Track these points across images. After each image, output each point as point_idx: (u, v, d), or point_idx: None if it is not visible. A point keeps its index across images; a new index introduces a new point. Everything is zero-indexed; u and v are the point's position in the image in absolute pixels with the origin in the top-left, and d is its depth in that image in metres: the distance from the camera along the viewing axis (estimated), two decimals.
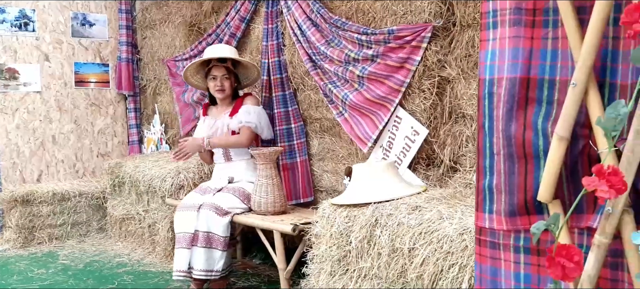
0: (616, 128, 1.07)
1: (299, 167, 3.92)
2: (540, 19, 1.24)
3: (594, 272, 1.10)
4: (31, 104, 5.25)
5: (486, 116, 1.34)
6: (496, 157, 1.32)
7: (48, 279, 3.98)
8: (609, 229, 1.09)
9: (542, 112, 1.25)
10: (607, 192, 1.02)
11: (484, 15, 1.34)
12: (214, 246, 3.44)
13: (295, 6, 3.76)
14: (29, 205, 4.85)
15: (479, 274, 1.41)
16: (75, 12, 5.42)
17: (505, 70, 1.28)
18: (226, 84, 3.78)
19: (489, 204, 1.35)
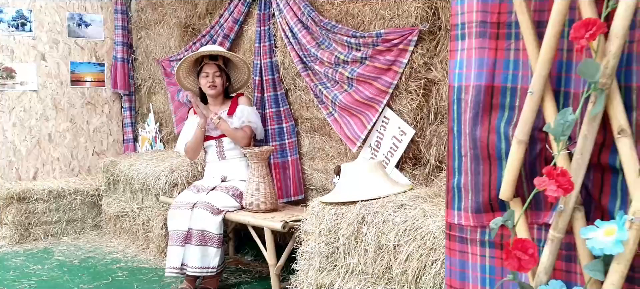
0: (564, 134, 1.17)
1: (290, 166, 4.01)
2: (504, 32, 1.34)
3: (549, 263, 1.20)
4: (28, 102, 5.32)
5: (455, 120, 1.43)
6: (464, 158, 1.42)
7: (44, 275, 4.05)
8: (562, 224, 1.18)
9: (505, 118, 1.34)
10: (556, 191, 1.12)
11: (453, 27, 1.44)
12: (209, 243, 3.52)
13: (287, 9, 3.85)
14: (25, 202, 4.92)
15: (449, 267, 1.51)
16: (71, 13, 5.49)
17: (471, 78, 1.38)
18: (218, 81, 3.84)
19: (457, 202, 1.45)
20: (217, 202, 3.59)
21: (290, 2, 3.82)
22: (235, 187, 3.76)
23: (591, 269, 1.13)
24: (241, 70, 3.97)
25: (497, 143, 1.34)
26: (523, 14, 1.23)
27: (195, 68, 3.94)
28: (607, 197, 1.23)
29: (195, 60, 3.92)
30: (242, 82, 4.05)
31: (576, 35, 1.09)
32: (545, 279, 1.21)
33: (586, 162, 1.14)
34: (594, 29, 1.07)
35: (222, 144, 3.90)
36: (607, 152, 1.20)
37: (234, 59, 3.91)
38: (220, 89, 3.87)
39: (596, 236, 1.11)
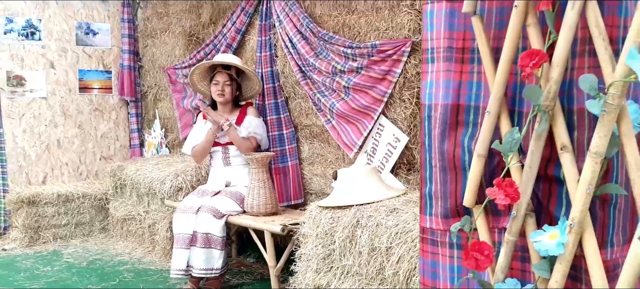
0: (512, 149, 1.31)
1: (291, 171, 4.16)
2: (468, 57, 1.48)
3: (505, 263, 1.34)
4: (37, 109, 5.49)
5: (426, 135, 1.58)
6: (434, 169, 1.56)
7: (53, 276, 4.21)
8: (515, 229, 1.32)
9: (469, 133, 1.48)
10: (504, 199, 1.26)
11: (424, 51, 1.58)
12: (213, 246, 3.67)
13: (287, 20, 4.00)
14: (35, 206, 5.07)
15: (422, 267, 1.65)
16: (79, 22, 5.65)
17: (440, 98, 1.52)
18: (227, 90, 3.99)
19: (429, 208, 1.59)
20: (220, 206, 3.74)
21: (290, 14, 3.97)
22: (238, 192, 3.91)
23: (538, 269, 1.27)
24: (253, 81, 4.12)
25: (461, 156, 1.48)
26: (482, 42, 1.37)
27: (209, 74, 4.10)
28: (554, 205, 1.37)
29: (209, 67, 4.07)
30: (253, 92, 4.20)
31: (523, 64, 1.23)
32: (502, 277, 1.35)
33: (535, 174, 1.28)
34: (537, 58, 1.21)
35: (228, 151, 4.05)
36: (552, 166, 1.34)
37: (246, 71, 4.05)
38: (228, 97, 4.01)
39: (542, 240, 1.25)
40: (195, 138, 4.11)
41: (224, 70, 4.01)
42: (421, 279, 1.65)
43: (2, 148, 5.24)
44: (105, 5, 5.78)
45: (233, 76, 4.03)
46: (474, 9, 1.39)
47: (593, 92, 1.16)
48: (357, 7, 3.62)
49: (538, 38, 1.28)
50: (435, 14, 1.53)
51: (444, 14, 1.50)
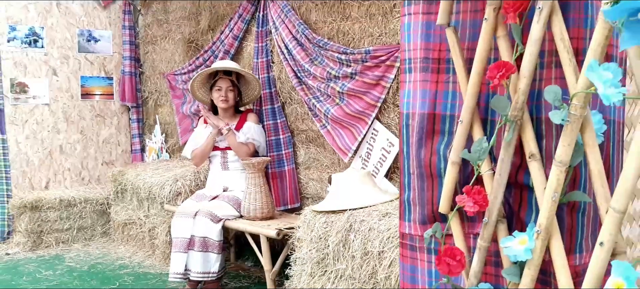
0: (480, 158, 1.35)
1: (287, 176, 4.21)
2: (444, 67, 1.52)
3: (478, 268, 1.38)
4: (40, 115, 5.56)
5: (404, 143, 1.62)
6: (412, 176, 1.60)
7: (55, 280, 4.27)
8: (487, 235, 1.36)
9: (444, 141, 1.53)
10: (472, 206, 1.30)
11: (402, 62, 1.63)
12: (210, 249, 3.72)
13: (283, 27, 4.05)
14: (38, 211, 5.14)
15: (402, 272, 1.69)
16: (81, 29, 5.73)
17: (417, 107, 1.56)
18: (230, 96, 4.07)
19: (407, 214, 1.64)
20: (217, 210, 3.80)
21: (286, 20, 4.02)
22: (235, 197, 3.96)
23: (508, 274, 1.32)
24: (252, 86, 4.18)
25: (437, 163, 1.53)
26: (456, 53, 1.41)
27: (208, 80, 4.16)
28: (525, 211, 1.41)
29: (210, 73, 4.14)
30: (252, 97, 4.26)
31: (491, 75, 1.27)
32: (475, 282, 1.39)
33: (505, 182, 1.32)
34: (504, 70, 1.25)
35: (227, 155, 4.11)
36: (523, 173, 1.39)
37: (247, 75, 4.12)
38: (232, 103, 4.09)
39: (512, 245, 1.29)
40: (195, 142, 4.18)
41: (225, 76, 4.07)
42: (401, 283, 1.70)
43: (6, 154, 5.31)
44: (107, 12, 5.84)
45: (234, 81, 4.09)
46: (447, 21, 1.44)
47: (557, 103, 1.20)
48: (352, 14, 3.67)
49: (507, 50, 1.32)
50: (412, 26, 1.58)
51: (420, 26, 1.54)
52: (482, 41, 1.33)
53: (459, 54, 1.41)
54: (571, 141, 1.17)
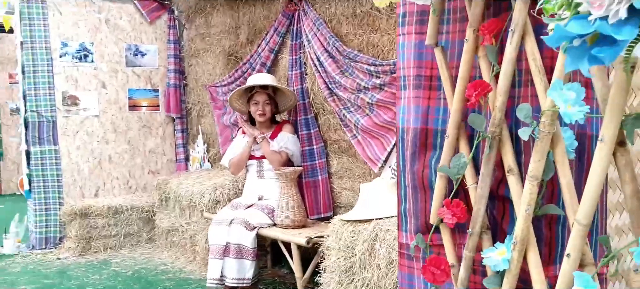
0: (459, 173, 1.40)
1: (321, 185, 4.30)
2: (435, 84, 1.58)
3: (464, 277, 1.43)
4: (90, 127, 5.83)
5: (400, 156, 1.69)
6: (407, 188, 1.66)
7: (100, 284, 4.48)
8: (471, 245, 1.41)
9: (436, 155, 1.58)
10: (451, 218, 1.36)
11: (398, 79, 1.70)
12: (245, 256, 3.85)
13: (315, 40, 4.15)
14: (87, 217, 5.39)
15: (400, 280, 1.75)
16: (129, 44, 5.99)
17: (411, 122, 1.63)
18: (267, 109, 4.22)
19: (405, 224, 1.70)
20: (251, 218, 3.92)
21: (318, 33, 4.13)
22: (269, 206, 4.08)
23: (489, 283, 1.36)
24: (288, 97, 4.32)
25: (429, 176, 1.59)
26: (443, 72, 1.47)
27: (246, 93, 4.32)
28: (507, 223, 1.45)
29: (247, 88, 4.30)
30: (288, 106, 4.40)
31: (469, 94, 1.33)
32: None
33: (486, 194, 1.37)
34: (480, 89, 1.31)
35: (263, 164, 4.25)
36: (503, 187, 1.43)
37: (282, 88, 4.27)
38: (268, 116, 4.24)
39: (492, 256, 1.34)
40: (233, 151, 4.34)
41: (262, 90, 4.21)
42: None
43: (58, 164, 5.60)
44: (153, 28, 6.09)
45: (271, 94, 4.23)
46: (435, 41, 1.50)
47: (528, 120, 1.25)
48: (381, 26, 3.74)
49: (487, 69, 1.37)
50: (405, 45, 1.64)
51: (413, 45, 1.61)
52: (464, 61, 1.39)
53: (447, 72, 1.47)
54: (542, 157, 1.21)
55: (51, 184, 5.56)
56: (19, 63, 5.56)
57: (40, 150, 5.51)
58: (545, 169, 1.22)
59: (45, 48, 5.49)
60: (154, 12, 6.05)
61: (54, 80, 5.56)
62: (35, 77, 5.46)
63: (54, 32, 5.56)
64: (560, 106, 1.05)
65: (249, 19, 5.09)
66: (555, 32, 0.89)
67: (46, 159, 5.54)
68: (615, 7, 0.81)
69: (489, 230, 1.43)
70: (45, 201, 5.54)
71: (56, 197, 5.56)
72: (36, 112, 5.47)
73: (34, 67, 5.46)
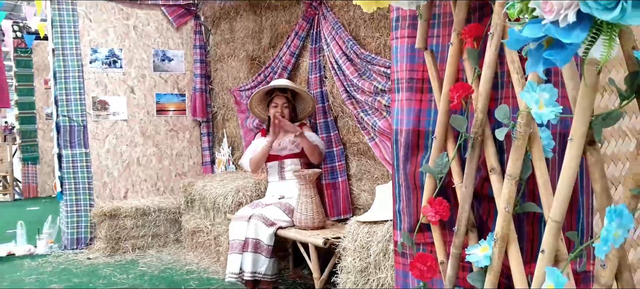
0: (441, 172, 1.44)
1: (340, 187, 4.35)
2: (427, 86, 1.62)
3: (452, 273, 1.46)
4: (119, 131, 5.99)
5: (395, 157, 1.73)
6: (401, 188, 1.70)
7: (127, 283, 4.61)
8: (457, 242, 1.44)
9: (427, 156, 1.62)
10: (434, 216, 1.39)
11: (392, 82, 1.74)
12: (260, 251, 3.93)
13: (333, 43, 4.21)
14: (116, 219, 5.55)
15: (396, 277, 1.79)
16: (156, 50, 6.14)
17: (404, 124, 1.67)
18: (285, 112, 4.30)
19: (399, 223, 1.74)
20: (269, 215, 4.00)
21: (336, 37, 4.18)
22: (287, 204, 4.15)
23: (472, 279, 1.39)
24: (306, 102, 4.39)
25: (421, 176, 1.62)
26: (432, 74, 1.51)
27: (265, 98, 4.41)
28: (492, 221, 1.48)
29: (266, 91, 4.39)
30: (306, 112, 4.47)
31: (451, 96, 1.36)
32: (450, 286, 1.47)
33: (471, 193, 1.41)
34: (461, 91, 1.34)
35: (284, 164, 4.33)
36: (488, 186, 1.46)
37: (301, 92, 4.34)
38: (287, 119, 4.30)
39: (475, 252, 1.37)
40: (253, 151, 4.42)
41: (281, 93, 4.29)
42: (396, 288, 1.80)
43: (89, 166, 5.77)
44: (179, 33, 6.23)
45: (289, 98, 4.31)
46: (424, 45, 1.54)
47: (506, 121, 1.28)
48: None
49: (471, 72, 1.41)
50: (399, 49, 1.69)
51: (405, 49, 1.65)
52: (449, 64, 1.43)
53: (435, 75, 1.51)
54: (519, 156, 1.24)
55: (82, 187, 5.74)
56: (51, 69, 5.76)
57: (71, 153, 5.69)
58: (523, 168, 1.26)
59: (75, 54, 5.67)
60: (180, 18, 6.19)
61: (85, 85, 5.74)
62: (66, 83, 5.64)
63: (85, 39, 5.74)
64: (532, 107, 1.08)
65: (271, 24, 5.18)
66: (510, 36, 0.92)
67: (77, 162, 5.72)
68: (564, 11, 0.85)
69: (474, 228, 1.46)
70: (76, 202, 5.71)
71: (87, 199, 5.73)
72: (67, 116, 5.66)
73: (66, 73, 5.64)
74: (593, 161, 1.07)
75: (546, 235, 1.14)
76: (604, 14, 0.80)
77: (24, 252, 5.61)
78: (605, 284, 1.05)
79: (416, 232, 1.60)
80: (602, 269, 1.05)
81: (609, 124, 1.06)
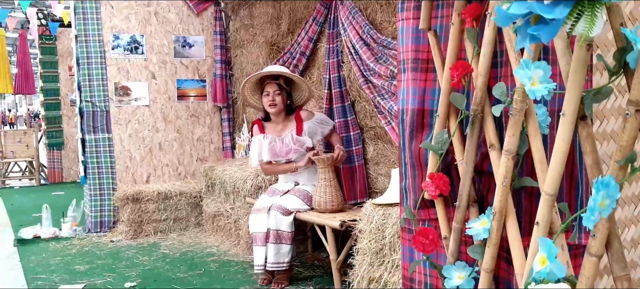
0: (441, 149, 1.47)
1: (357, 171, 4.39)
2: (431, 66, 1.66)
3: (454, 248, 1.50)
4: (141, 116, 6.10)
5: (401, 136, 1.77)
6: (407, 166, 1.74)
7: (149, 265, 4.72)
8: (459, 217, 1.48)
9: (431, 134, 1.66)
10: (434, 191, 1.43)
11: (398, 63, 1.77)
12: (283, 241, 3.99)
13: (350, 28, 4.24)
14: (139, 203, 5.67)
15: (402, 253, 1.83)
16: (177, 36, 6.22)
17: (409, 103, 1.71)
18: (278, 99, 4.20)
19: (405, 200, 1.78)
20: (288, 204, 4.06)
21: (353, 22, 4.21)
22: (305, 191, 4.20)
23: (472, 252, 1.43)
24: (302, 89, 4.35)
25: (425, 154, 1.66)
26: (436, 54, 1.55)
27: (259, 86, 4.34)
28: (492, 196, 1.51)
29: (259, 80, 4.33)
30: (303, 100, 4.41)
31: (451, 74, 1.40)
32: (452, 260, 1.51)
33: (471, 169, 1.44)
34: (461, 70, 1.37)
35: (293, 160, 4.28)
36: (488, 162, 1.49)
37: (294, 78, 4.28)
38: (281, 106, 4.23)
39: (475, 226, 1.41)
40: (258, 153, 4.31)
41: (272, 80, 4.22)
42: (402, 263, 1.84)
43: (112, 151, 5.90)
44: (200, 19, 6.30)
45: (282, 85, 4.22)
46: (428, 26, 1.57)
47: (503, 98, 1.31)
48: None
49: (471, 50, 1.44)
50: (404, 30, 1.72)
51: (411, 30, 1.69)
52: (451, 43, 1.47)
53: (439, 55, 1.55)
54: (516, 132, 1.28)
55: (105, 171, 5.87)
56: (74, 56, 5.88)
57: (94, 138, 5.82)
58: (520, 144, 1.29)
59: (98, 41, 5.78)
60: (201, 4, 6.26)
61: (107, 71, 5.85)
62: (89, 69, 5.76)
63: (107, 26, 5.85)
64: (525, 83, 1.11)
65: (290, 9, 5.22)
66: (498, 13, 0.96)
67: (100, 147, 5.85)
68: None
69: (475, 203, 1.50)
70: (99, 187, 5.85)
71: (110, 183, 5.86)
72: (90, 102, 5.78)
73: (88, 59, 5.76)
74: (584, 135, 1.10)
75: (540, 208, 1.17)
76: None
77: (49, 235, 5.76)
78: (595, 253, 1.08)
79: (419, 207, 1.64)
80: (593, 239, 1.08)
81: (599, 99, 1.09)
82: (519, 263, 1.30)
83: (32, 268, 4.71)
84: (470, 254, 1.43)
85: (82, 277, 4.42)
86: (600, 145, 1.42)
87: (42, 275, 4.49)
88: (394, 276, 3.23)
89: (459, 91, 1.49)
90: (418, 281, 1.77)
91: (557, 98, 1.35)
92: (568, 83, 1.08)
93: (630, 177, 1.04)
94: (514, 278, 1.33)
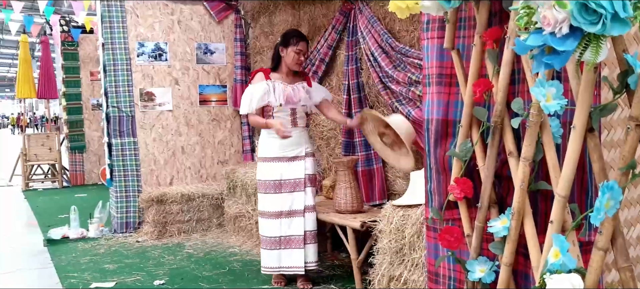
0: (466, 157, 1.65)
1: (376, 173, 4.57)
2: (454, 81, 1.83)
3: (476, 244, 1.68)
4: (165, 120, 6.31)
5: (426, 143, 1.95)
6: (432, 171, 1.92)
7: (175, 264, 4.92)
8: (481, 216, 1.65)
9: (455, 142, 1.83)
10: (459, 194, 1.60)
11: (424, 77, 1.95)
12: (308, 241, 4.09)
13: (369, 36, 4.41)
14: (163, 204, 5.88)
15: (427, 250, 2.01)
16: (199, 43, 6.43)
17: (434, 113, 1.89)
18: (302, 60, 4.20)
19: (430, 202, 1.95)
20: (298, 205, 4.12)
21: (372, 31, 4.39)
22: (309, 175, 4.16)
23: (493, 247, 1.61)
24: None
25: (449, 160, 1.84)
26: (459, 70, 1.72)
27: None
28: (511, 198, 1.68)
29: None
30: None
31: (474, 90, 1.57)
32: (474, 256, 1.69)
33: (492, 174, 1.62)
34: (483, 86, 1.55)
35: (296, 113, 4.21)
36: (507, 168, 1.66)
37: None
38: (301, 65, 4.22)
39: (496, 225, 1.58)
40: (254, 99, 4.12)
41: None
42: (428, 260, 2.01)
43: (137, 154, 6.11)
44: (221, 27, 6.51)
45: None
46: (452, 45, 1.75)
47: (520, 111, 1.49)
48: None
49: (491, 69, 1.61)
50: (429, 48, 1.90)
51: (435, 48, 1.87)
52: (473, 62, 1.64)
53: (461, 72, 1.72)
54: (531, 141, 1.45)
55: (131, 174, 6.08)
56: (101, 63, 6.10)
57: (120, 142, 6.04)
58: (536, 151, 1.46)
59: (124, 49, 6.00)
60: (221, 13, 6.47)
61: (132, 78, 6.07)
62: (115, 76, 5.99)
63: (132, 34, 6.06)
64: (540, 100, 1.28)
65: (309, 17, 5.40)
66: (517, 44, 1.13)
67: (126, 151, 6.06)
68: (560, 25, 1.05)
69: (496, 204, 1.67)
70: (125, 189, 6.06)
71: (135, 185, 6.08)
72: (117, 107, 6.00)
73: (115, 66, 5.98)
74: (592, 145, 1.27)
75: (554, 208, 1.34)
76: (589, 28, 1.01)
77: (77, 235, 5.98)
78: (602, 247, 1.25)
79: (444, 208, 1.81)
80: (599, 235, 1.25)
81: (605, 114, 1.26)
82: (535, 257, 1.47)
83: (64, 267, 4.92)
84: (492, 250, 1.60)
85: (112, 275, 4.62)
86: (608, 152, 1.59)
87: (74, 274, 4.70)
88: (414, 274, 3.40)
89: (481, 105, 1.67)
90: (443, 275, 1.94)
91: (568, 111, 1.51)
92: (578, 100, 1.25)
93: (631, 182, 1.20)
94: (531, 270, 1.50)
